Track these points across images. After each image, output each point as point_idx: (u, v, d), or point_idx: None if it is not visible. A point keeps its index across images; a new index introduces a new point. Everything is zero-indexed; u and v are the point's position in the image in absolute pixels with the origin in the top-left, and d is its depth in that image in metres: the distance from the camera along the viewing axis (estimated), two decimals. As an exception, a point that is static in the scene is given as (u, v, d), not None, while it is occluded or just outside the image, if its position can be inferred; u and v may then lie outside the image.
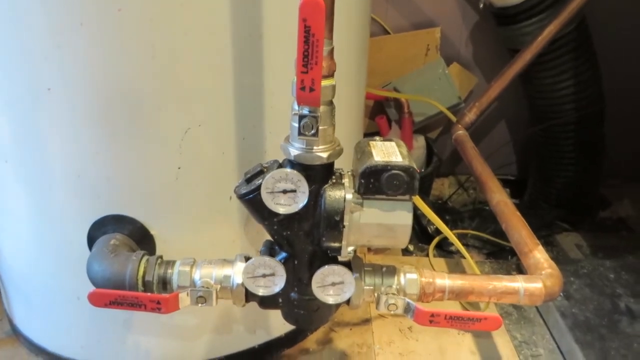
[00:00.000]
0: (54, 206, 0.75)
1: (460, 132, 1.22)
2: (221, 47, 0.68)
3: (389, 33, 1.47)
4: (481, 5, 1.28)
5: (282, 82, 0.73)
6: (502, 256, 1.30)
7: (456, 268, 1.23)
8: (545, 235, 1.33)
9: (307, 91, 0.54)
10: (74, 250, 0.76)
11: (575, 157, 1.34)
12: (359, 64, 0.92)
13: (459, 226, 1.39)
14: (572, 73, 1.23)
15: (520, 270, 1.22)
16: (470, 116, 1.24)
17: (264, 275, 0.65)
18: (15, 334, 0.97)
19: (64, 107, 0.68)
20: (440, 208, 1.48)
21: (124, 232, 0.75)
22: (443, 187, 1.62)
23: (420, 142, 1.45)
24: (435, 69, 1.42)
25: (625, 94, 1.42)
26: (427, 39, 1.46)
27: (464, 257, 1.26)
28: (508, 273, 1.22)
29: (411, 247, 1.31)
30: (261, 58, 0.71)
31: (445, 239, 1.31)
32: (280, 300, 0.68)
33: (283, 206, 0.60)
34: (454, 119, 1.31)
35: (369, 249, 1.25)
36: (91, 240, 0.75)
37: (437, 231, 1.31)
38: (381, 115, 1.44)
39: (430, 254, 1.27)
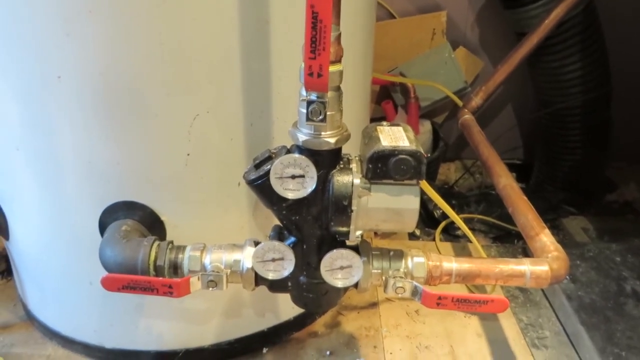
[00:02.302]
0: (65, 192, 0.76)
1: (467, 117, 1.22)
2: (228, 33, 0.68)
3: (394, 17, 1.47)
4: (488, -12, 1.28)
5: (289, 68, 0.74)
6: (509, 240, 1.31)
7: (463, 252, 1.24)
8: (552, 218, 1.33)
9: (315, 77, 0.55)
10: (86, 236, 0.78)
11: (582, 140, 1.34)
12: (365, 49, 0.91)
13: (465, 210, 1.40)
14: (579, 56, 1.23)
15: (526, 253, 1.23)
16: (476, 100, 1.24)
17: (274, 260, 0.66)
18: (29, 318, 0.99)
19: (74, 94, 0.69)
20: (447, 193, 1.49)
21: (134, 218, 0.76)
22: (449, 171, 1.63)
23: (426, 126, 1.45)
24: (442, 53, 1.41)
25: (632, 76, 1.41)
26: (433, 23, 1.45)
27: (471, 241, 1.27)
28: (514, 257, 1.23)
29: (418, 232, 1.32)
30: (268, 44, 0.71)
31: (452, 223, 1.32)
32: (289, 284, 0.69)
33: (292, 191, 0.61)
34: (460, 103, 1.31)
35: (376, 234, 1.26)
36: (102, 226, 0.77)
37: (444, 215, 1.32)
38: (387, 100, 1.44)
39: (437, 238, 1.27)
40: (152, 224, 0.77)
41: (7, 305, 1.04)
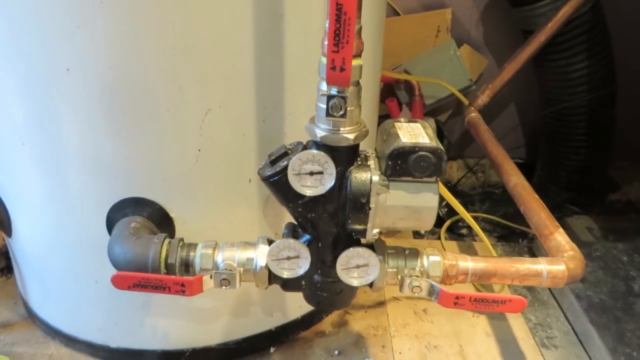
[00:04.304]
0: (72, 188, 0.74)
1: (473, 115, 1.21)
2: (242, 26, 0.67)
3: (399, 14, 1.46)
4: (494, -14, 1.27)
5: (302, 63, 0.73)
6: (513, 239, 1.30)
7: (468, 251, 1.23)
8: (556, 217, 1.32)
9: (337, 71, 0.53)
10: (92, 233, 0.76)
11: (587, 139, 1.33)
12: (375, 45, 0.90)
13: (470, 209, 1.39)
14: (586, 55, 1.22)
15: (532, 252, 1.23)
16: (483, 98, 1.23)
17: (289, 258, 0.65)
18: (31, 316, 0.97)
19: (83, 87, 0.67)
20: (450, 191, 1.47)
21: (143, 214, 0.74)
22: (452, 170, 1.62)
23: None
24: (447, 51, 1.40)
25: (635, 74, 1.41)
26: (437, 20, 1.44)
27: (475, 240, 1.27)
28: (520, 256, 1.23)
29: (422, 230, 1.31)
30: (282, 38, 0.70)
31: (456, 222, 1.32)
32: (303, 282, 0.68)
33: (309, 188, 0.60)
34: (465, 101, 1.30)
35: (380, 232, 1.25)
36: (110, 223, 0.75)
37: (449, 214, 1.31)
38: (391, 97, 1.42)
39: (442, 237, 1.27)
40: (161, 221, 0.75)
41: (8, 303, 1.02)
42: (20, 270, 0.93)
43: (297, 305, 0.93)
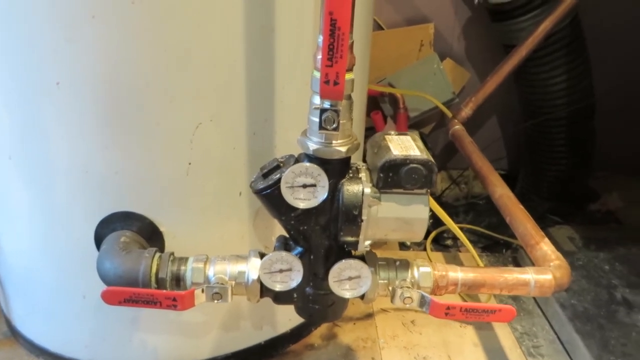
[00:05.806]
0: (60, 203, 0.74)
1: (457, 127, 1.23)
2: (233, 40, 0.67)
3: (382, 29, 1.48)
4: (476, 2, 1.30)
5: (292, 76, 0.74)
6: (497, 250, 1.32)
7: (454, 261, 1.24)
8: (539, 228, 1.34)
9: (331, 85, 0.54)
10: (80, 248, 0.75)
11: (567, 150, 1.36)
12: (362, 59, 0.91)
13: (454, 220, 1.40)
14: (565, 68, 1.25)
15: (516, 263, 1.25)
16: (466, 111, 1.25)
17: (281, 271, 0.65)
18: (14, 334, 0.95)
19: (73, 101, 0.66)
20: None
21: (132, 229, 0.73)
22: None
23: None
24: (430, 65, 1.42)
25: (614, 87, 1.45)
26: (420, 34, 1.46)
27: (460, 251, 1.28)
28: (505, 266, 1.24)
29: (408, 242, 1.32)
30: (272, 52, 0.71)
31: (441, 233, 1.33)
32: (295, 295, 0.68)
33: (303, 201, 0.60)
34: (449, 114, 1.32)
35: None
36: (98, 238, 0.74)
37: (433, 225, 1.32)
38: (376, 110, 1.44)
39: (428, 248, 1.28)
40: (151, 235, 0.74)
41: (-11, 320, 0.99)
42: (3, 286, 0.91)
43: (286, 319, 0.92)
